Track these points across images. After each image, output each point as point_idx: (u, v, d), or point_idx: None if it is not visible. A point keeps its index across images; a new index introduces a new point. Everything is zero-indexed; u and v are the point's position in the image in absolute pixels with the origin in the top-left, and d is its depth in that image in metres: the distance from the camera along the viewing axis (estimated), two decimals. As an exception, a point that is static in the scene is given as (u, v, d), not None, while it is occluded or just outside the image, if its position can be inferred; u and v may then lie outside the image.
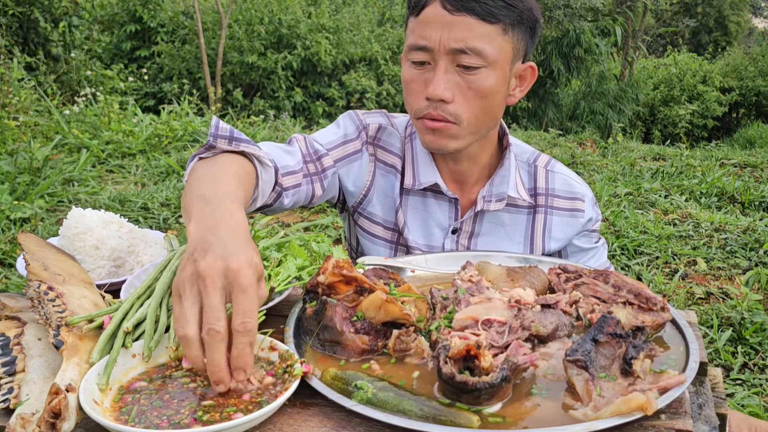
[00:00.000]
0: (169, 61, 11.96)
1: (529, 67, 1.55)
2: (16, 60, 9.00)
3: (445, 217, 1.67)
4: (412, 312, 1.12)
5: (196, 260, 0.93)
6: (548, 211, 1.69)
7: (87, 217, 1.48)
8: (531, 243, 1.68)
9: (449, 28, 1.39)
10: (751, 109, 17.44)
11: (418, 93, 1.47)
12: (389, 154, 1.68)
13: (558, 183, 1.70)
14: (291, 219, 5.71)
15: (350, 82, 12.29)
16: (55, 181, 5.83)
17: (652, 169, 8.04)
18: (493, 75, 1.44)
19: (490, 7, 1.39)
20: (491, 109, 1.49)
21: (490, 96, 1.46)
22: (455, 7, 1.38)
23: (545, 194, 1.69)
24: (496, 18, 1.40)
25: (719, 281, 4.55)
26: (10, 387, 0.98)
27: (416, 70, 1.46)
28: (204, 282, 0.91)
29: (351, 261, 1.20)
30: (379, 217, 1.70)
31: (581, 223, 1.70)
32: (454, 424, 0.89)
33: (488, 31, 1.40)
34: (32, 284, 1.14)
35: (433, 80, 1.42)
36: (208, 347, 0.90)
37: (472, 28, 1.39)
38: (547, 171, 1.71)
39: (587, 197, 1.72)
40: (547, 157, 1.75)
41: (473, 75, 1.42)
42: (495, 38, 1.41)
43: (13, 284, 3.99)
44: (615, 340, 1.00)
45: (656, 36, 22.74)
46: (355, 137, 1.66)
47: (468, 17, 1.39)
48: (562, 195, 1.70)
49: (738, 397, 3.11)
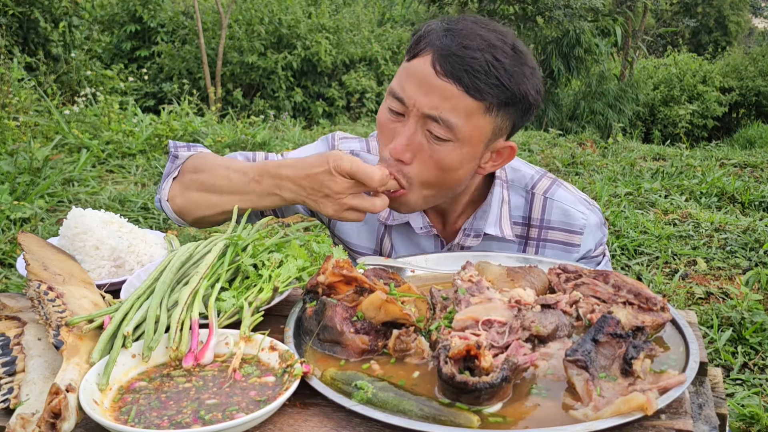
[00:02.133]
0: (169, 61, 11.96)
1: (508, 147, 1.44)
2: (16, 60, 9.00)
3: (431, 249, 1.62)
4: (412, 312, 1.12)
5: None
6: (540, 244, 1.61)
7: (87, 217, 1.47)
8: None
9: (428, 90, 1.30)
10: (751, 109, 17.43)
11: (386, 141, 1.40)
12: None
13: (554, 213, 1.59)
14: (291, 219, 5.71)
15: (350, 82, 12.29)
16: (55, 181, 5.83)
17: (652, 169, 8.04)
18: (458, 151, 1.35)
19: (479, 83, 1.29)
20: (448, 182, 1.41)
21: (450, 170, 1.38)
22: (443, 70, 1.29)
23: (539, 226, 1.60)
24: (482, 95, 1.30)
25: (719, 281, 4.55)
26: (10, 387, 0.98)
27: (390, 117, 1.39)
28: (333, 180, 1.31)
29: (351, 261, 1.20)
30: (354, 244, 1.68)
31: (575, 258, 1.61)
32: (454, 424, 0.89)
33: (468, 105, 1.30)
34: (32, 284, 1.14)
35: (398, 138, 1.35)
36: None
37: (452, 99, 1.30)
38: (545, 198, 1.60)
39: (588, 226, 1.60)
40: (549, 181, 1.63)
41: (438, 145, 1.34)
42: (473, 115, 1.32)
43: (13, 284, 3.99)
44: (615, 340, 1.00)
45: (656, 36, 22.74)
46: None
47: (452, 86, 1.29)
48: (557, 227, 1.60)
49: (738, 397, 3.11)
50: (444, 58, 1.29)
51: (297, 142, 8.37)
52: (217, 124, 9.08)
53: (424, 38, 1.35)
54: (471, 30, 1.33)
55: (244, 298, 1.16)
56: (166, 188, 1.58)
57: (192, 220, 1.55)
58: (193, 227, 1.60)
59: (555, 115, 12.95)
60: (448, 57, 1.29)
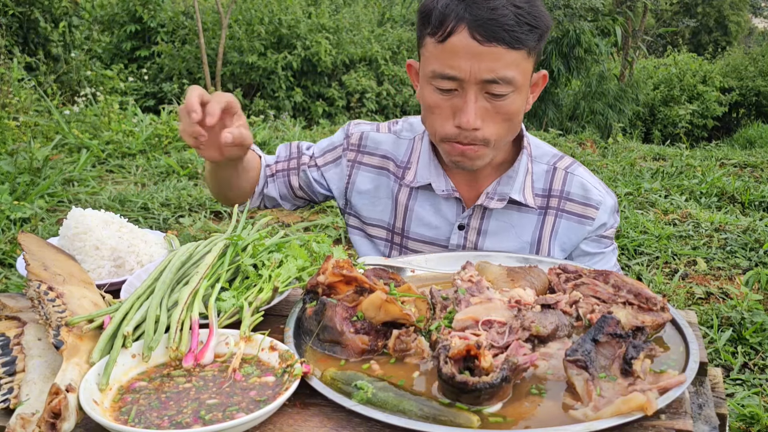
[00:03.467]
0: (169, 61, 11.95)
1: (542, 75, 1.58)
2: (16, 60, 9.00)
3: (452, 213, 1.69)
4: (412, 312, 1.12)
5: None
6: (558, 213, 1.68)
7: (87, 217, 1.47)
8: (538, 244, 1.68)
9: (479, 58, 1.39)
10: (751, 109, 17.42)
11: (445, 119, 1.49)
12: (374, 157, 1.75)
13: (574, 186, 1.68)
14: (291, 219, 5.71)
15: (350, 82, 12.29)
16: (55, 181, 5.83)
17: (652, 169, 8.04)
18: (519, 97, 1.48)
19: (517, 34, 1.39)
20: (515, 126, 1.54)
21: (515, 117, 1.50)
22: (485, 37, 1.38)
23: (558, 196, 1.68)
24: (523, 44, 1.41)
25: (719, 281, 4.55)
26: (10, 387, 0.98)
27: (441, 95, 1.47)
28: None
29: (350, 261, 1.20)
30: (367, 218, 1.78)
31: (588, 230, 1.68)
32: (454, 424, 0.89)
33: (515, 57, 1.41)
34: (32, 284, 1.14)
35: (465, 110, 1.44)
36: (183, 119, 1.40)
37: (502, 58, 1.40)
38: (566, 173, 1.70)
39: (605, 205, 1.69)
40: (571, 160, 1.74)
41: (502, 101, 1.45)
42: (521, 63, 1.43)
43: (13, 284, 3.99)
44: (615, 340, 1.00)
45: (656, 36, 22.73)
46: (338, 144, 1.79)
47: (497, 47, 1.39)
48: (575, 199, 1.68)
49: (738, 397, 3.11)
50: (480, 27, 1.38)
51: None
52: (217, 124, 9.05)
53: (447, 16, 1.41)
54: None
55: (244, 298, 1.16)
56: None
57: (219, 200, 1.83)
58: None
59: (555, 115, 12.94)
60: (483, 24, 1.38)
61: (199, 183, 6.55)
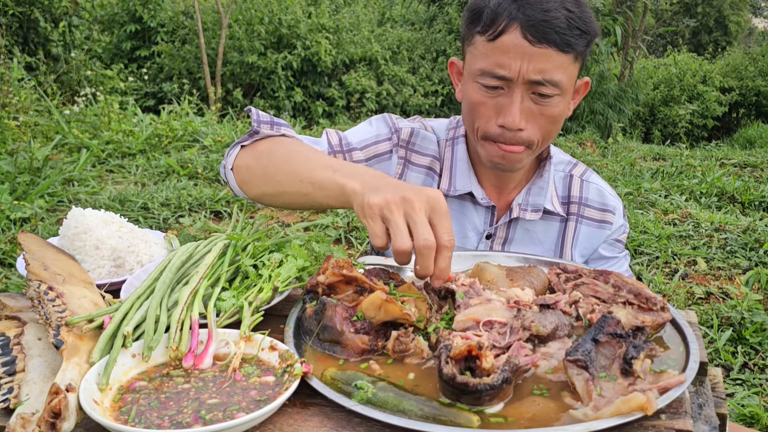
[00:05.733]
0: (169, 61, 11.95)
1: (584, 83, 1.59)
2: (16, 60, 8.99)
3: (481, 222, 1.69)
4: (412, 312, 1.12)
5: (389, 191, 1.10)
6: (579, 219, 1.71)
7: (87, 217, 1.47)
8: (561, 250, 1.70)
9: (529, 59, 1.39)
10: (751, 109, 17.41)
11: (489, 117, 1.48)
12: (422, 156, 1.71)
13: (592, 193, 1.73)
14: (291, 219, 5.71)
15: (350, 82, 12.28)
16: (55, 181, 5.83)
17: (652, 169, 8.04)
18: (563, 101, 1.48)
19: (568, 37, 1.40)
20: (556, 131, 1.54)
21: (559, 120, 1.51)
22: (537, 38, 1.38)
23: (578, 203, 1.72)
24: (573, 48, 1.42)
25: (719, 281, 4.55)
26: (10, 387, 0.98)
27: (487, 93, 1.47)
28: (412, 205, 1.08)
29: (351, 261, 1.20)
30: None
31: (607, 235, 1.72)
32: (454, 424, 0.89)
33: (563, 60, 1.42)
34: (32, 284, 1.14)
35: (510, 110, 1.44)
36: (422, 257, 1.08)
37: (551, 60, 1.40)
38: (582, 181, 1.74)
39: (618, 209, 1.75)
40: (583, 166, 1.78)
41: (547, 103, 1.45)
42: (568, 67, 1.44)
43: (13, 284, 3.99)
44: (615, 340, 1.00)
45: (656, 36, 22.71)
46: (386, 138, 1.69)
47: (548, 48, 1.39)
48: (594, 206, 1.72)
49: (738, 397, 3.11)
50: (532, 27, 1.38)
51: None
52: (217, 123, 9.07)
53: (500, 15, 1.41)
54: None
55: (244, 298, 1.16)
56: (233, 155, 1.50)
57: (254, 196, 1.47)
58: (256, 203, 1.53)
59: (555, 115, 12.93)
60: (536, 25, 1.38)
61: (199, 183, 6.55)
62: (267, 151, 1.43)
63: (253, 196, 1.47)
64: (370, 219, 1.10)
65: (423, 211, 1.08)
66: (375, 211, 1.09)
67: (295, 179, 1.31)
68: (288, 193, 1.35)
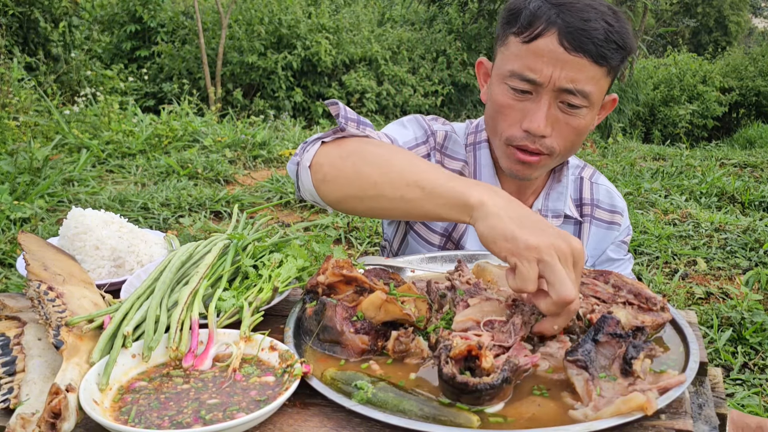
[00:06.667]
0: (169, 61, 11.95)
1: (612, 99, 1.56)
2: (16, 60, 8.99)
3: None
4: (412, 312, 1.12)
5: (537, 232, 1.02)
6: (591, 221, 1.73)
7: (87, 217, 1.47)
8: None
9: (562, 66, 1.38)
10: (751, 109, 17.41)
11: (514, 121, 1.46)
12: (454, 161, 1.68)
13: (602, 194, 1.75)
14: (291, 219, 5.71)
15: (350, 82, 12.28)
16: (55, 181, 5.83)
17: (652, 169, 8.04)
18: (591, 114, 1.47)
19: (604, 50, 1.38)
20: (579, 143, 1.52)
21: (584, 133, 1.49)
22: (573, 46, 1.36)
23: (590, 204, 1.73)
24: (607, 61, 1.40)
25: (719, 281, 4.55)
26: (10, 387, 0.98)
27: (514, 96, 1.45)
28: (565, 257, 1.01)
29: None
30: (436, 224, 1.70)
31: (615, 236, 1.74)
32: (454, 424, 0.89)
33: (596, 73, 1.40)
34: (32, 284, 1.14)
35: (536, 115, 1.42)
36: (567, 314, 1.03)
37: (584, 70, 1.38)
38: (592, 183, 1.75)
39: (625, 211, 1.77)
40: (591, 168, 1.79)
41: (574, 114, 1.43)
42: (600, 80, 1.42)
43: (13, 284, 3.99)
44: (615, 340, 1.00)
45: (656, 36, 22.70)
46: (423, 141, 1.66)
47: (583, 58, 1.37)
48: (604, 207, 1.73)
49: (738, 397, 3.11)
50: (570, 35, 1.36)
51: (297, 141, 8.37)
52: (217, 124, 9.07)
53: (538, 18, 1.39)
54: (578, 1, 1.41)
55: (244, 298, 1.16)
56: (312, 152, 1.33)
57: (335, 198, 1.31)
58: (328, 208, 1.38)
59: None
60: (574, 33, 1.36)
61: (199, 183, 6.55)
62: (358, 150, 1.28)
63: (333, 199, 1.31)
64: (525, 261, 1.00)
65: (572, 265, 1.02)
66: (533, 254, 0.99)
67: (400, 182, 1.18)
68: (386, 198, 1.20)
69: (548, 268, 0.99)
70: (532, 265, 1.00)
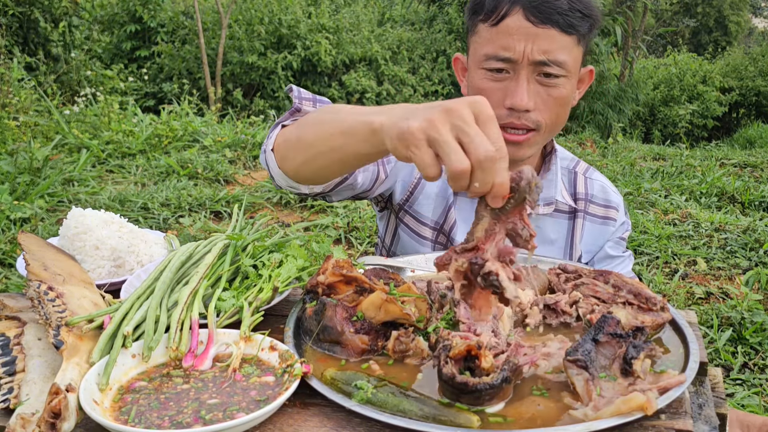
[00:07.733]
0: (169, 61, 11.95)
1: (588, 71, 1.60)
2: (16, 60, 9.00)
3: None
4: (412, 312, 1.12)
5: (426, 112, 0.92)
6: (585, 216, 1.73)
7: (87, 217, 1.47)
8: (571, 248, 1.71)
9: (534, 40, 1.42)
10: (751, 109, 17.41)
11: (497, 102, 1.49)
12: None
13: (596, 189, 1.76)
14: (291, 219, 5.71)
15: (350, 82, 12.28)
16: (55, 181, 5.83)
17: (652, 169, 8.04)
18: (569, 83, 1.50)
19: (571, 19, 1.43)
20: (565, 115, 1.55)
21: (566, 103, 1.52)
22: (539, 19, 1.41)
23: (584, 199, 1.74)
24: (575, 29, 1.45)
25: (719, 281, 4.55)
26: (10, 387, 0.98)
27: (493, 77, 1.48)
28: (460, 115, 0.90)
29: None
30: (426, 217, 1.73)
31: (611, 232, 1.74)
32: (454, 424, 0.89)
33: (567, 42, 1.45)
34: (32, 284, 1.14)
35: (517, 91, 1.45)
36: (483, 171, 0.89)
37: (555, 40, 1.43)
38: (586, 178, 1.77)
39: (621, 206, 1.77)
40: (585, 164, 1.81)
41: (553, 85, 1.47)
42: (572, 49, 1.47)
43: (13, 284, 3.99)
44: (615, 340, 1.00)
45: (656, 36, 22.70)
46: None
47: (551, 29, 1.42)
48: (598, 202, 1.74)
49: (738, 397, 3.11)
50: (535, 8, 1.42)
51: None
52: (217, 124, 9.07)
53: (502, 1, 1.45)
54: None
55: (244, 298, 1.16)
56: (273, 136, 1.37)
57: (293, 170, 1.32)
58: (301, 188, 1.38)
59: (555, 115, 12.92)
60: (538, 6, 1.42)
61: (199, 183, 6.56)
62: (303, 120, 1.30)
63: (292, 173, 1.32)
64: (414, 148, 0.92)
65: (473, 119, 0.91)
66: (418, 135, 0.92)
67: (326, 135, 1.18)
68: (322, 154, 1.21)
69: (436, 144, 0.91)
70: (422, 149, 0.92)
